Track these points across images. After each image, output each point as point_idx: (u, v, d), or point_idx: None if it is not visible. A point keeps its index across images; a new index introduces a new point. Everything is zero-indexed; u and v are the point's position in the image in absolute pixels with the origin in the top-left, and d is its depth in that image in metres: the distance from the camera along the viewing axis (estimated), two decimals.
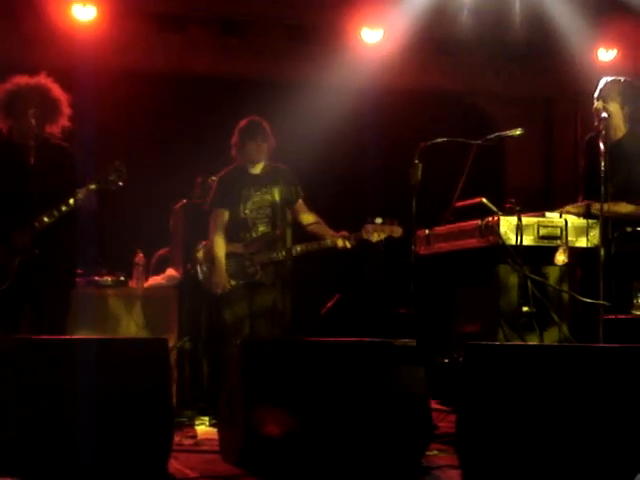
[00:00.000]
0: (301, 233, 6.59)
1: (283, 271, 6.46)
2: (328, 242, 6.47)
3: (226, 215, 6.55)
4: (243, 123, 6.58)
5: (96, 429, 4.15)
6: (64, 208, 5.59)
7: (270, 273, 6.46)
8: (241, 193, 6.53)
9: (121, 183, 5.74)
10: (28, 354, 4.26)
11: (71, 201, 5.59)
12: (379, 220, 6.42)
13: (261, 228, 6.53)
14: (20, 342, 4.52)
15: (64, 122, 5.83)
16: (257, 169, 6.61)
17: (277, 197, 6.54)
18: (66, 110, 5.84)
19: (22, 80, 5.78)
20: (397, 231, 6.44)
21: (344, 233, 6.47)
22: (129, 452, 4.23)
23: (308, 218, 6.62)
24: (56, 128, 5.81)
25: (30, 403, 4.15)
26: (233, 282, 6.46)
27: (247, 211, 6.52)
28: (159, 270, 7.52)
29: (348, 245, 6.45)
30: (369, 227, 6.42)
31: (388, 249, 6.63)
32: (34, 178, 5.47)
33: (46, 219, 5.57)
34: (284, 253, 6.42)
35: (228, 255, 6.49)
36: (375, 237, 6.44)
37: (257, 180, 6.58)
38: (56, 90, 5.81)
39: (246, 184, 6.55)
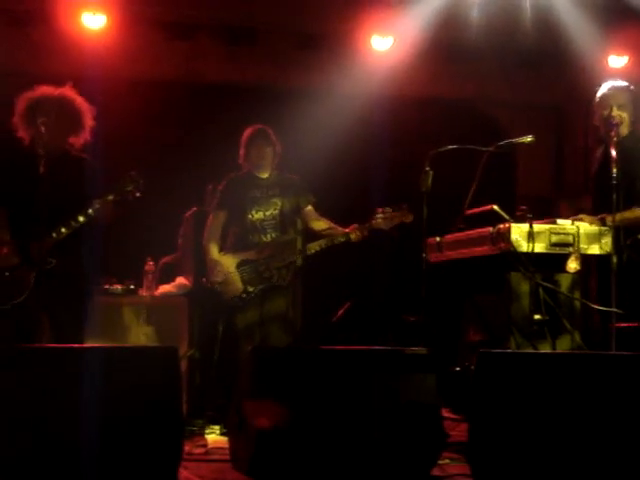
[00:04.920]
0: (313, 239, 6.57)
1: (295, 275, 6.47)
2: (340, 237, 6.47)
3: (223, 216, 6.60)
4: (246, 132, 6.65)
5: (106, 438, 4.15)
6: (81, 219, 5.58)
7: (285, 275, 6.46)
8: (248, 195, 6.56)
9: (138, 194, 5.74)
10: (36, 363, 4.27)
11: (89, 211, 5.59)
12: (388, 208, 6.42)
13: (271, 232, 6.53)
14: (28, 351, 4.51)
15: (86, 135, 5.83)
16: (264, 174, 6.64)
17: (286, 205, 6.57)
18: (88, 123, 5.84)
19: (45, 90, 5.78)
20: (408, 217, 6.44)
21: (355, 225, 6.46)
22: (139, 461, 4.23)
23: (319, 224, 6.63)
24: (78, 140, 5.81)
25: (39, 411, 4.15)
26: (251, 289, 6.46)
27: (254, 213, 6.53)
28: (164, 278, 7.51)
29: (360, 236, 6.44)
30: (379, 216, 6.42)
31: (401, 236, 6.63)
32: (46, 189, 5.47)
33: (64, 230, 5.56)
34: (299, 255, 6.43)
35: (242, 263, 6.50)
36: (386, 225, 6.44)
37: (264, 184, 6.61)
38: (78, 101, 5.81)
39: (252, 187, 6.59)
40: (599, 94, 6.19)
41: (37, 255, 5.55)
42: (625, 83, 6.18)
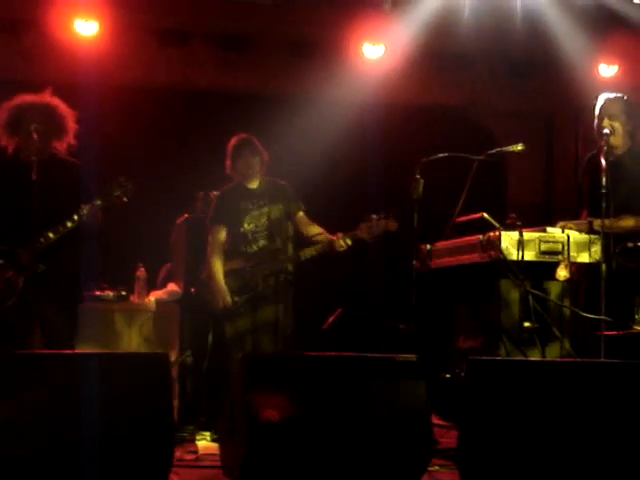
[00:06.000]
0: (305, 246, 6.59)
1: (284, 283, 6.47)
2: (325, 245, 6.47)
3: (224, 232, 6.58)
4: (231, 142, 6.65)
5: (97, 444, 4.14)
6: (69, 224, 5.60)
7: (272, 284, 6.47)
8: (239, 207, 6.56)
9: (126, 199, 5.77)
10: (28, 369, 4.27)
11: (75, 217, 5.60)
12: (374, 216, 6.43)
13: (261, 242, 6.55)
14: (20, 357, 4.52)
15: (70, 139, 5.85)
16: (254, 184, 6.65)
17: (276, 212, 6.57)
18: (72, 127, 5.86)
19: (26, 98, 5.80)
20: (392, 225, 6.44)
21: (339, 234, 6.47)
22: (130, 467, 4.23)
23: (311, 230, 6.63)
24: (62, 145, 5.83)
25: (30, 417, 4.15)
26: (237, 298, 6.47)
27: (246, 225, 6.55)
28: (167, 283, 7.52)
29: (344, 245, 6.43)
30: (364, 225, 6.43)
31: (386, 249, 6.65)
32: (37, 194, 5.49)
33: (51, 235, 5.58)
34: (286, 262, 6.44)
35: (230, 272, 6.51)
36: (370, 234, 6.44)
37: (255, 195, 6.61)
38: (62, 107, 5.84)
39: (244, 198, 6.59)
40: (596, 106, 6.21)
41: (26, 261, 5.57)
42: (619, 94, 6.20)
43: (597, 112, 6.14)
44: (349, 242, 6.44)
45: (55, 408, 4.18)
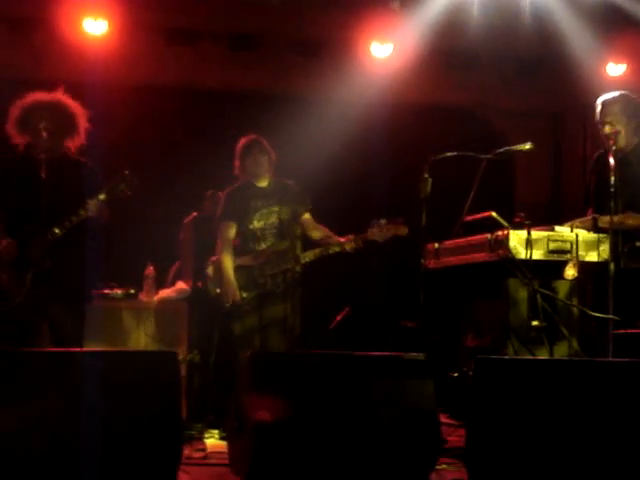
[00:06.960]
0: (311, 246, 6.60)
1: (292, 281, 6.48)
2: (335, 247, 6.49)
3: (233, 228, 6.60)
4: (240, 143, 6.67)
5: (105, 442, 4.16)
6: (75, 219, 5.61)
7: (280, 282, 6.48)
8: (249, 205, 6.58)
9: (130, 193, 5.76)
10: (35, 366, 4.28)
11: (81, 212, 5.62)
12: (384, 221, 6.45)
13: (270, 240, 6.56)
14: (27, 355, 4.53)
15: (82, 138, 5.87)
16: (263, 183, 6.66)
17: (284, 212, 6.59)
18: (83, 126, 5.87)
19: (38, 96, 5.82)
20: (402, 230, 6.46)
21: (350, 236, 6.49)
22: (138, 465, 4.24)
23: (317, 232, 6.65)
24: (74, 144, 5.85)
25: (39, 415, 4.16)
26: (245, 294, 6.49)
27: (255, 222, 6.56)
28: (177, 281, 7.54)
29: (355, 247, 6.46)
30: (375, 228, 6.45)
31: (394, 248, 6.65)
32: (45, 192, 5.51)
33: (57, 230, 5.60)
34: (294, 262, 6.45)
35: (238, 268, 6.52)
36: (381, 237, 6.46)
37: (264, 193, 6.63)
38: (73, 106, 5.85)
39: (253, 197, 6.61)
40: (596, 110, 6.19)
41: (34, 256, 5.59)
42: (616, 94, 6.17)
43: (597, 118, 6.12)
44: (360, 244, 6.46)
45: (63, 406, 4.19)
